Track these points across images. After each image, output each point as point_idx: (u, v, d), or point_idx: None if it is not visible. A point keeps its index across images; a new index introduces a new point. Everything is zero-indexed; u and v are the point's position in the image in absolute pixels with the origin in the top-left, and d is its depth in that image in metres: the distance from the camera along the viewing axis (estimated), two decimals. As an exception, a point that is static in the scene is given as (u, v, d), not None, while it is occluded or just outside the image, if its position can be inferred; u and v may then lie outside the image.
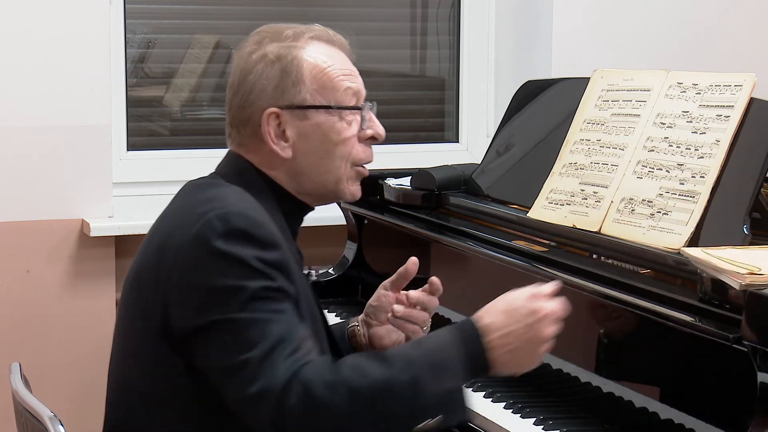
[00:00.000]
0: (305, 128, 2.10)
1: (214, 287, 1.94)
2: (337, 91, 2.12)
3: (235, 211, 1.97)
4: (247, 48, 2.13)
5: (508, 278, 2.52)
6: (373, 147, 2.18)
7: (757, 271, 1.95)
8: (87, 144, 3.36)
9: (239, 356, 1.91)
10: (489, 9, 3.93)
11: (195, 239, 1.96)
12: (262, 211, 2.04)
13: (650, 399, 2.12)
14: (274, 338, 1.92)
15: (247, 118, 2.11)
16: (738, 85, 2.36)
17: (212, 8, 3.78)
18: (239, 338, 1.92)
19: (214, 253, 1.94)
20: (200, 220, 1.97)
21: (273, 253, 1.97)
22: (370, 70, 4.03)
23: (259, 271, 1.94)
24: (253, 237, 1.96)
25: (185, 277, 1.97)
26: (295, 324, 1.95)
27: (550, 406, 2.29)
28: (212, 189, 2.07)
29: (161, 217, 2.13)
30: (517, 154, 2.85)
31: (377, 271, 3.10)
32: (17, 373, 2.22)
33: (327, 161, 2.12)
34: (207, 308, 1.94)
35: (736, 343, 1.91)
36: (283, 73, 2.09)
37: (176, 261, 1.98)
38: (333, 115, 2.11)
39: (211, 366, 1.96)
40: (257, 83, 2.09)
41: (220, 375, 1.95)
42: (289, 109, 2.09)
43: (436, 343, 1.97)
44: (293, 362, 1.91)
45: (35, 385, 2.21)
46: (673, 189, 2.34)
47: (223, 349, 1.93)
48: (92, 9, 3.33)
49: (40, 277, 3.36)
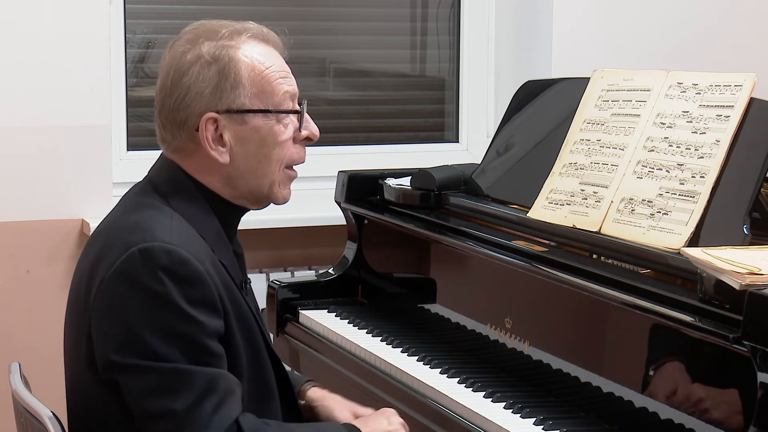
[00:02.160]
0: (243, 132, 2.06)
1: (135, 328, 1.91)
2: (275, 95, 2.07)
3: (159, 247, 1.92)
4: (180, 47, 2.07)
5: (508, 278, 2.52)
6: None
7: (757, 271, 1.95)
8: (87, 144, 3.36)
9: (163, 405, 1.90)
10: (489, 9, 3.93)
11: (117, 274, 1.93)
12: (189, 237, 1.99)
13: (650, 399, 2.12)
14: (198, 389, 1.90)
15: (182, 121, 2.05)
16: (738, 85, 2.36)
17: (212, 8, 3.78)
18: (163, 386, 1.90)
19: (136, 292, 1.91)
20: (122, 253, 1.93)
21: (198, 290, 1.93)
22: (370, 70, 4.04)
23: (184, 312, 1.91)
24: (175, 274, 1.92)
25: (107, 312, 1.94)
26: (220, 374, 1.94)
27: (550, 406, 2.29)
28: (143, 212, 2.02)
29: (102, 224, 2.10)
30: (517, 154, 2.85)
31: (377, 271, 3.10)
32: (17, 372, 2.22)
33: (264, 165, 2.08)
34: (128, 350, 1.91)
35: (736, 343, 1.91)
36: (221, 76, 2.03)
37: (98, 292, 1.95)
38: (270, 119, 2.07)
39: (132, 404, 1.94)
40: (193, 86, 2.03)
41: (143, 417, 1.93)
42: (228, 113, 2.04)
43: None
44: (219, 419, 1.90)
45: (35, 385, 2.21)
46: (673, 189, 2.34)
47: (145, 393, 1.91)
48: (92, 9, 3.34)
49: (40, 277, 3.36)
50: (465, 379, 2.41)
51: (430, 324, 2.79)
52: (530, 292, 2.45)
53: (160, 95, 2.08)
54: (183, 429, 1.89)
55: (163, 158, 2.14)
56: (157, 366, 1.90)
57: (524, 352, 2.44)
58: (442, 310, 2.79)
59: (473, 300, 2.69)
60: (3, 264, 3.32)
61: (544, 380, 2.38)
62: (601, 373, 2.25)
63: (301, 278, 3.23)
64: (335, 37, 3.93)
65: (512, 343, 2.47)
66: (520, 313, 2.48)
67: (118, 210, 2.11)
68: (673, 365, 2.10)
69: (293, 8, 3.86)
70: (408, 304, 2.92)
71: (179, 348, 1.91)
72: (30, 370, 2.34)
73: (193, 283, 1.93)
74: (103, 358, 1.95)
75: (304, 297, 3.04)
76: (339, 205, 3.16)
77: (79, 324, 2.02)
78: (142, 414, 1.93)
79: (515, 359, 2.47)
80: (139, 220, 2.00)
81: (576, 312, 2.32)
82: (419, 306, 2.87)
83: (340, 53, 3.97)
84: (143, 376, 1.91)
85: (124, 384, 1.94)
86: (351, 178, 3.13)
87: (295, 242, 3.50)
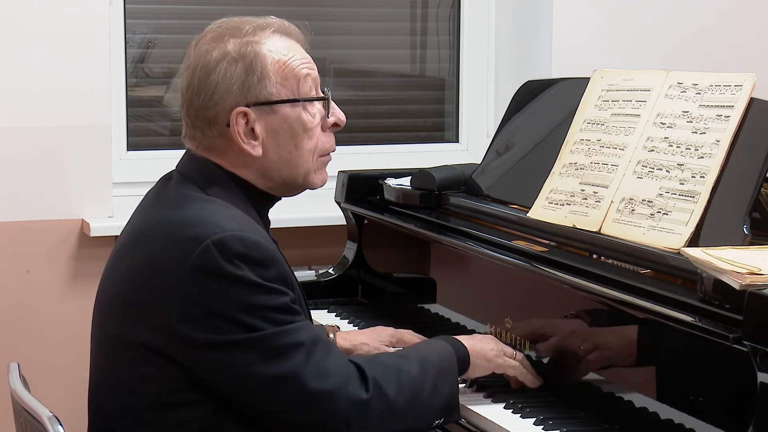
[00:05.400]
0: (273, 123, 2.11)
1: (226, 312, 1.96)
2: (300, 83, 2.13)
3: (230, 236, 1.98)
4: (205, 46, 2.11)
5: (508, 278, 2.52)
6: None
7: (757, 271, 1.94)
8: (87, 144, 3.36)
9: (280, 367, 1.96)
10: (489, 9, 3.93)
11: (197, 269, 1.97)
12: (250, 223, 2.06)
13: (650, 399, 2.12)
14: (305, 344, 1.98)
15: (212, 118, 2.10)
16: (738, 85, 2.36)
17: (212, 8, 3.78)
18: (272, 350, 1.97)
19: (219, 281, 1.97)
20: (197, 247, 1.97)
21: (274, 269, 2.01)
22: (370, 70, 4.03)
23: (266, 287, 1.98)
24: (253, 259, 1.99)
25: (193, 305, 1.97)
26: (314, 327, 2.06)
27: (550, 406, 2.29)
28: (194, 205, 2.06)
29: (137, 229, 2.11)
30: (517, 154, 2.85)
31: (377, 271, 3.10)
32: (16, 372, 2.22)
33: (296, 155, 2.14)
34: (225, 330, 1.96)
35: (736, 343, 1.91)
36: (248, 71, 2.08)
37: (176, 289, 1.98)
38: (297, 108, 2.12)
39: (238, 379, 1.98)
40: (221, 83, 2.08)
41: (257, 387, 1.97)
42: (257, 105, 2.09)
43: (439, 351, 2.20)
44: (335, 363, 1.99)
45: (34, 385, 2.21)
46: (673, 189, 2.34)
47: (255, 362, 1.96)
48: (92, 9, 3.33)
49: (40, 277, 3.36)
50: (465, 379, 2.41)
51: (430, 324, 2.79)
52: (530, 292, 2.45)
53: (188, 94, 2.12)
54: (307, 381, 1.97)
55: (191, 154, 2.17)
56: (258, 336, 1.97)
57: (524, 352, 2.43)
58: (442, 310, 2.79)
59: (473, 300, 2.69)
60: (3, 264, 3.32)
61: (544, 380, 2.37)
62: (601, 373, 2.25)
63: (301, 278, 3.21)
64: (335, 37, 3.93)
65: (512, 343, 2.47)
66: (520, 313, 2.48)
67: (159, 207, 2.12)
68: (673, 365, 2.09)
69: (293, 8, 3.86)
70: (408, 304, 2.92)
71: (271, 316, 1.98)
72: (29, 370, 2.33)
73: (268, 264, 2.01)
74: (197, 347, 1.97)
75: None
76: (339, 205, 3.16)
77: (137, 319, 2.03)
78: (255, 384, 1.98)
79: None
80: (198, 212, 2.04)
81: (576, 312, 2.32)
82: (419, 306, 2.87)
83: (340, 53, 3.97)
84: (248, 349, 1.97)
85: (227, 363, 1.97)
86: (351, 178, 3.13)
87: (295, 242, 3.49)
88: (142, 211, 2.16)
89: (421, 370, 2.11)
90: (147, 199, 2.19)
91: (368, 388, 2.02)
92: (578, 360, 2.29)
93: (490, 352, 2.29)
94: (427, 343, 2.29)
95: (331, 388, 1.98)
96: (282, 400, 1.98)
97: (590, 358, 2.27)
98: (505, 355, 2.32)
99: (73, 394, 3.35)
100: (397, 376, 2.07)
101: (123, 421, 2.06)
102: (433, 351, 2.20)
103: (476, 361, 2.26)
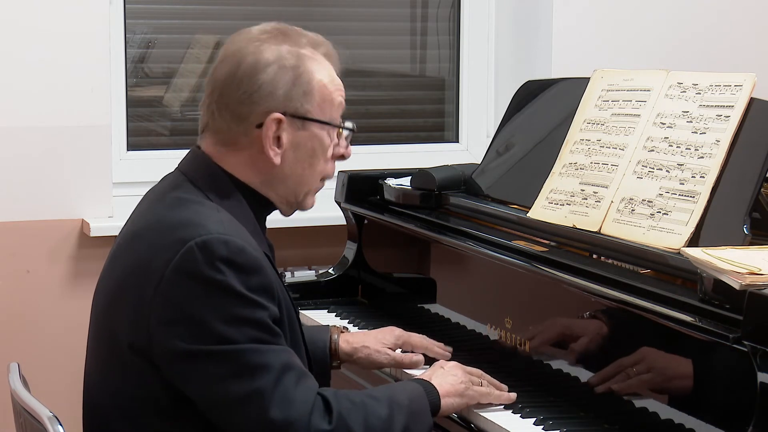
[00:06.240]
0: (300, 138, 2.11)
1: (203, 318, 1.94)
2: (332, 107, 2.15)
3: (214, 239, 1.97)
4: (255, 42, 2.11)
5: (508, 278, 2.52)
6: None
7: (757, 271, 1.95)
8: (87, 144, 3.36)
9: (247, 386, 1.93)
10: (489, 9, 3.93)
11: (178, 270, 1.96)
12: (239, 228, 2.04)
13: (650, 399, 2.12)
14: (276, 367, 1.95)
15: (245, 114, 2.09)
16: (738, 85, 2.36)
17: (212, 8, 3.78)
18: (242, 368, 1.94)
19: (199, 284, 1.95)
20: (180, 248, 1.96)
21: (257, 277, 1.98)
22: (370, 70, 4.03)
23: (246, 298, 1.96)
24: (235, 264, 1.96)
25: (172, 307, 1.96)
26: (291, 351, 2.00)
27: (550, 406, 2.29)
28: (188, 207, 2.05)
29: (133, 229, 2.11)
30: (517, 154, 2.85)
31: (377, 271, 3.10)
32: (16, 372, 2.22)
33: (308, 173, 2.15)
34: (199, 339, 1.94)
35: (736, 343, 1.91)
36: (296, 82, 2.09)
37: (158, 289, 1.97)
38: (324, 129, 2.14)
39: (206, 392, 1.96)
40: (267, 84, 2.08)
41: (224, 404, 1.95)
42: (293, 116, 2.10)
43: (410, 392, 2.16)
44: (303, 393, 1.96)
45: (34, 385, 2.21)
46: (673, 189, 2.34)
47: (224, 378, 1.94)
48: (92, 9, 3.33)
49: (40, 277, 3.36)
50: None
51: (430, 324, 2.79)
52: (530, 292, 2.45)
53: (222, 83, 2.10)
54: (270, 406, 1.93)
55: (195, 153, 2.16)
56: (231, 349, 1.94)
57: (524, 352, 2.43)
58: (442, 310, 2.79)
59: (473, 300, 2.69)
60: (3, 264, 3.32)
61: (544, 380, 2.37)
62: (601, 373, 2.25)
63: (301, 278, 3.23)
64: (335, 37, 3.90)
65: (512, 343, 2.47)
66: (520, 313, 2.48)
67: (156, 207, 2.12)
68: (673, 365, 2.09)
69: (293, 8, 3.86)
70: (408, 304, 2.92)
71: (248, 332, 1.95)
72: (29, 370, 2.33)
73: (252, 271, 1.98)
74: (169, 352, 1.96)
75: (304, 297, 3.04)
76: (339, 205, 3.16)
77: (124, 316, 2.02)
78: (222, 400, 1.95)
79: (515, 359, 2.46)
80: (189, 215, 2.03)
81: (576, 312, 2.32)
82: (419, 306, 2.87)
83: (340, 53, 3.96)
84: (219, 362, 1.94)
85: (196, 373, 1.95)
86: (351, 178, 3.13)
87: (295, 242, 3.50)
88: (139, 211, 2.16)
89: (390, 411, 2.07)
90: (145, 199, 2.18)
91: (331, 420, 1.98)
92: (578, 360, 2.29)
93: (459, 386, 2.24)
94: (397, 384, 2.26)
95: (293, 418, 1.94)
96: (242, 421, 1.95)
97: (590, 358, 2.27)
98: (472, 384, 2.27)
99: (73, 394, 3.34)
100: (364, 415, 2.02)
101: (116, 420, 2.05)
102: (404, 392, 2.15)
103: (448, 400, 2.21)
